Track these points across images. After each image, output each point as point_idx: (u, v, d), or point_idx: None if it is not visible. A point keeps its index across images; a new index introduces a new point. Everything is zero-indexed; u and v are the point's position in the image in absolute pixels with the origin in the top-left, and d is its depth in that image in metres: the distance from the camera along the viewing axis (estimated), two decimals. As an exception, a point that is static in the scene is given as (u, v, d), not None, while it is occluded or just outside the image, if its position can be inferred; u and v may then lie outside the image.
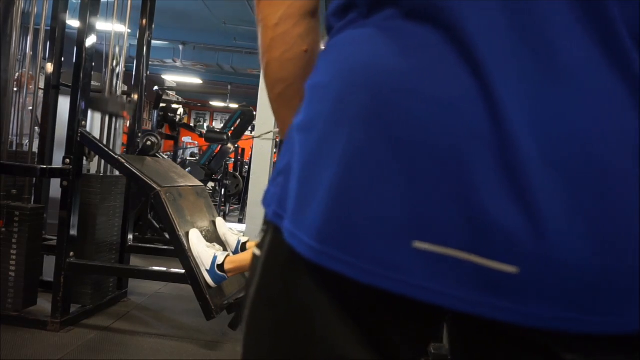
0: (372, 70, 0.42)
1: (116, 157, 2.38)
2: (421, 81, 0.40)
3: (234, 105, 8.33)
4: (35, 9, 2.50)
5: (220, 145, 5.92)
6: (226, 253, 2.26)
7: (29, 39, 2.53)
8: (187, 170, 4.25)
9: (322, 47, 0.52)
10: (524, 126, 0.38)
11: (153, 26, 2.99)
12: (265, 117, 4.06)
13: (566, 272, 0.38)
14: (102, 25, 2.57)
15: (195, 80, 12.38)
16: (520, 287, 0.38)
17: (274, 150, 5.11)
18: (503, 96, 0.38)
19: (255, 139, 4.06)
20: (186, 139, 13.05)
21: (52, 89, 2.68)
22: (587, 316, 0.39)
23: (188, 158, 8.02)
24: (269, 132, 3.64)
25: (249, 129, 5.93)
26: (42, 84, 2.74)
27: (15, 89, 2.48)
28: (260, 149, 4.05)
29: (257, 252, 0.52)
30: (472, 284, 0.38)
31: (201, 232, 2.32)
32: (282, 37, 0.55)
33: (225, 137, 5.69)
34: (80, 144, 2.33)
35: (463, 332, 0.50)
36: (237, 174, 6.96)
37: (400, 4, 0.43)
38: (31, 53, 2.54)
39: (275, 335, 0.47)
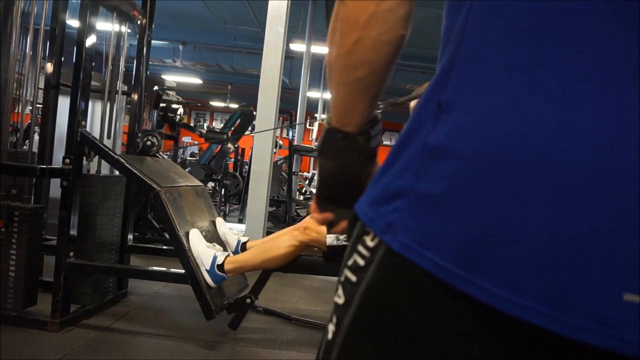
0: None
1: (116, 157, 2.38)
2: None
3: (234, 105, 8.32)
4: (35, 9, 2.49)
5: (220, 145, 5.92)
6: (226, 253, 2.26)
7: (28, 38, 2.53)
8: (187, 170, 4.25)
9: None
10: None
11: (153, 26, 2.99)
12: (265, 117, 4.06)
13: None
14: (102, 25, 2.56)
15: (195, 80, 12.39)
16: None
17: (274, 150, 5.11)
18: None
19: (255, 139, 4.07)
20: (186, 139, 13.06)
21: (52, 89, 2.68)
22: None
23: (188, 158, 8.03)
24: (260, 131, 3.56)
25: (249, 128, 5.93)
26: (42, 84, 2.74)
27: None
28: (260, 149, 4.06)
29: (353, 277, 0.48)
30: None
31: (201, 232, 2.32)
32: (385, 15, 0.49)
33: (225, 137, 5.69)
34: (80, 144, 2.33)
35: None
36: (237, 174, 6.96)
37: None
38: (31, 53, 2.54)
39: None
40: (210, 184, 6.57)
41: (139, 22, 2.90)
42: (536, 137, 0.39)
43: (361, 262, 0.48)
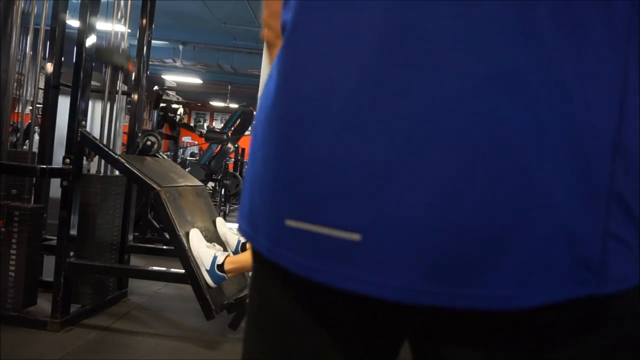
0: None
1: (116, 157, 2.38)
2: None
3: (234, 105, 8.33)
4: (35, 9, 2.49)
5: (220, 145, 5.92)
6: (226, 253, 2.26)
7: (29, 38, 2.53)
8: (187, 170, 4.25)
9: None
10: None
11: (153, 26, 2.99)
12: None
13: (408, 233, 0.36)
14: (102, 25, 2.57)
15: (195, 80, 12.38)
16: (365, 255, 0.37)
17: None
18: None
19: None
20: (186, 139, 13.06)
21: (52, 89, 2.68)
22: (438, 287, 0.35)
23: (188, 158, 8.02)
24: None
25: (249, 128, 5.93)
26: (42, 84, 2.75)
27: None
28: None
29: None
30: (327, 255, 0.39)
31: (201, 232, 2.32)
32: None
33: (225, 137, 5.69)
34: (80, 144, 2.33)
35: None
36: (237, 174, 6.96)
37: None
38: (31, 53, 2.54)
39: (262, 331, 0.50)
40: (210, 184, 6.56)
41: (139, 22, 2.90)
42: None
43: None
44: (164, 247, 3.02)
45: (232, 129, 5.85)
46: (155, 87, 4.82)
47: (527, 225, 0.35)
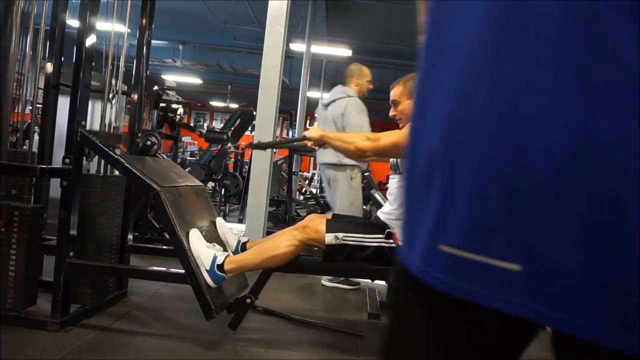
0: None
1: (116, 157, 2.38)
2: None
3: (234, 105, 8.32)
4: (35, 9, 2.49)
5: (220, 145, 5.91)
6: (226, 253, 2.26)
7: (28, 38, 2.53)
8: (187, 170, 4.25)
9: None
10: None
11: (153, 26, 2.98)
12: (265, 116, 4.06)
13: (564, 272, 0.37)
14: (102, 25, 2.56)
15: (195, 80, 12.39)
16: (526, 284, 0.39)
17: (274, 150, 5.09)
18: None
19: (255, 139, 4.06)
20: (186, 139, 13.05)
21: (52, 88, 2.67)
22: (589, 323, 0.37)
23: (188, 158, 8.02)
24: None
25: (249, 128, 5.92)
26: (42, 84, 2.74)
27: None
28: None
29: None
30: (486, 280, 0.41)
31: (201, 232, 2.32)
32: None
33: (225, 137, 5.68)
34: (80, 143, 2.33)
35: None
36: (237, 174, 6.96)
37: None
38: (31, 53, 2.54)
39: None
40: (210, 184, 6.57)
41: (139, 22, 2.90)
42: None
43: None
44: (164, 247, 3.02)
45: (232, 129, 5.84)
46: (155, 87, 4.82)
47: None
